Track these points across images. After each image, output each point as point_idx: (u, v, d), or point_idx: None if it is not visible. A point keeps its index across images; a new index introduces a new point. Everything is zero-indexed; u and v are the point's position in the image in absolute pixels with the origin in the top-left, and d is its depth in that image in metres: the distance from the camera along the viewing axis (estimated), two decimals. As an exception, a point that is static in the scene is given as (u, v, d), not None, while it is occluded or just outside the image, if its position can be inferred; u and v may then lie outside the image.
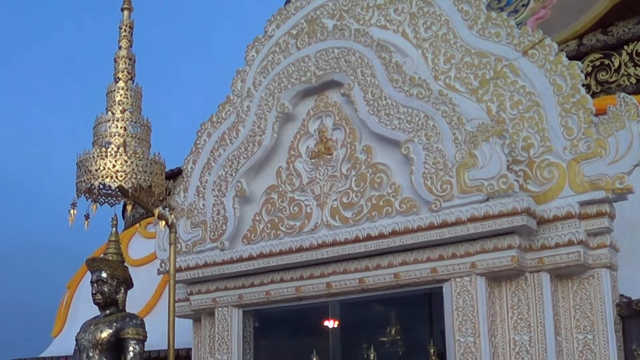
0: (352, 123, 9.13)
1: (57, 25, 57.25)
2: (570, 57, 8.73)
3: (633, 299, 7.99)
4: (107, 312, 8.41)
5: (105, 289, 8.35)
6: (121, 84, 7.87)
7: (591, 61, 11.67)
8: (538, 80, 8.23)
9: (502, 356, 8.03)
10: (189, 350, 11.02)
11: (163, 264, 10.14)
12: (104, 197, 8.12)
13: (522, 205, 7.67)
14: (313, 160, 9.34)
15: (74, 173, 7.70)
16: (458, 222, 7.98)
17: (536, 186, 8.06)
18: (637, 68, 11.34)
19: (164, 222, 8.14)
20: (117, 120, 7.66)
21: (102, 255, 8.72)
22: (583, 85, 8.14)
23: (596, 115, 8.00)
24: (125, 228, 18.10)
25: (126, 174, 7.46)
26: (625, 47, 11.57)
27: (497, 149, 7.93)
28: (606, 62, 11.61)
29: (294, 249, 9.04)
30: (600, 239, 7.95)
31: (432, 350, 8.54)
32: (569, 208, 7.83)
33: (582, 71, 8.20)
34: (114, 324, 8.20)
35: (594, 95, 10.53)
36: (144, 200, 7.99)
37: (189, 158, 10.28)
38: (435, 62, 8.88)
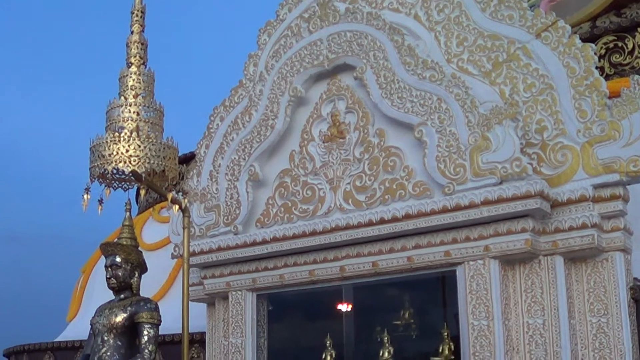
0: (365, 106, 9.11)
1: (70, 10, 57.32)
2: (584, 40, 8.70)
3: (647, 282, 7.99)
4: (122, 296, 8.44)
5: (120, 274, 8.38)
6: (134, 68, 7.87)
7: (604, 43, 11.63)
8: (551, 63, 8.19)
9: (516, 340, 8.03)
10: (203, 334, 11.06)
11: (177, 248, 10.15)
12: (117, 182, 8.15)
13: (536, 188, 7.66)
14: (326, 144, 9.33)
15: (88, 158, 7.72)
16: (471, 206, 7.97)
17: (550, 169, 8.04)
18: (651, 50, 11.30)
19: (177, 207, 8.15)
20: (130, 105, 7.67)
21: (116, 239, 8.74)
22: (596, 67, 8.10)
23: (610, 97, 7.97)
24: (139, 213, 18.17)
25: (139, 159, 7.47)
26: (639, 29, 11.51)
27: (510, 132, 7.91)
28: (620, 44, 11.57)
29: (308, 233, 9.04)
30: (614, 222, 7.93)
31: (446, 334, 8.54)
32: (582, 191, 7.81)
33: (595, 53, 8.17)
34: (129, 308, 8.23)
35: (607, 77, 10.50)
36: (158, 184, 8.00)
37: (202, 142, 10.29)
38: (448, 45, 8.85)
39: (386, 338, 8.99)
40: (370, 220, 8.61)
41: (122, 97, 7.74)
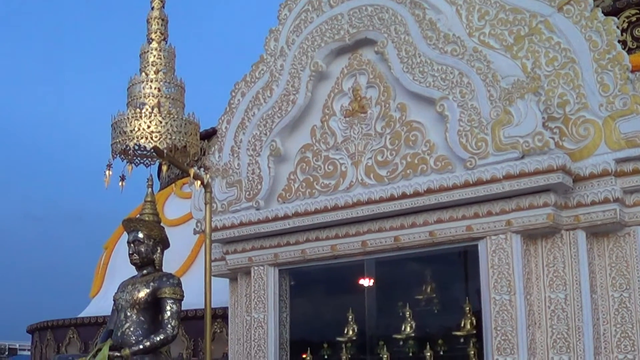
0: (386, 81, 9.09)
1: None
2: (606, 13, 8.63)
3: (670, 256, 7.95)
4: (144, 272, 8.47)
5: (142, 249, 8.40)
6: (154, 44, 7.86)
7: (627, 17, 11.51)
8: (573, 37, 8.15)
9: (538, 314, 8.02)
10: (225, 309, 11.11)
11: (199, 224, 10.19)
12: (139, 158, 8.15)
13: (558, 163, 7.63)
14: (347, 119, 9.32)
15: (109, 136, 7.73)
16: (493, 180, 7.95)
17: (572, 143, 8.01)
18: (673, 24, 11.19)
19: (199, 182, 8.16)
20: (151, 81, 7.65)
21: (138, 215, 8.77)
22: (619, 41, 8.06)
23: (632, 71, 7.92)
24: (161, 188, 18.24)
25: (161, 135, 7.47)
26: (663, 2, 11.40)
27: (532, 106, 7.88)
28: (642, 17, 11.45)
29: (329, 208, 9.05)
30: (637, 196, 7.90)
31: (468, 308, 8.56)
32: (604, 165, 7.78)
33: (618, 27, 8.12)
34: (151, 284, 8.26)
35: (630, 51, 10.39)
36: (179, 160, 8.00)
37: (223, 118, 10.29)
38: (470, 19, 8.80)
39: (408, 312, 9.02)
40: (392, 194, 8.60)
41: (143, 74, 7.73)
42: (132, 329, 8.16)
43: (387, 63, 8.97)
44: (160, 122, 7.48)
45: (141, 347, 7.92)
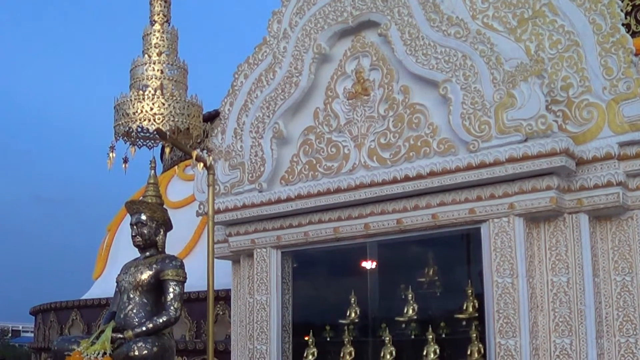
0: (390, 63, 9.07)
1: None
2: (611, -5, 8.59)
3: (672, 240, 7.95)
4: (147, 254, 8.49)
5: (145, 231, 8.42)
6: (157, 26, 7.86)
7: (631, 0, 11.47)
8: (577, 19, 8.11)
9: (540, 297, 8.03)
10: (228, 291, 11.13)
11: (202, 206, 10.19)
12: (142, 140, 8.17)
13: (561, 146, 7.62)
14: (350, 101, 9.31)
15: (112, 117, 7.73)
16: (496, 163, 7.94)
17: (575, 127, 7.99)
18: (678, 6, 11.15)
19: (202, 164, 8.16)
20: (154, 63, 7.66)
21: (141, 197, 8.78)
22: (623, 24, 8.02)
23: (636, 55, 7.90)
24: (164, 171, 18.25)
25: (164, 117, 7.48)
26: (667, -15, 11.36)
27: (535, 89, 7.86)
28: (647, 0, 11.41)
29: (332, 190, 9.05)
30: (640, 180, 7.90)
31: (470, 291, 8.57)
32: (608, 149, 7.77)
33: (622, 10, 8.08)
34: (154, 266, 8.28)
35: (634, 34, 10.37)
36: (182, 142, 8.01)
37: (226, 100, 10.28)
38: (473, 1, 8.75)
39: (410, 295, 9.04)
40: (394, 177, 8.60)
41: (146, 55, 7.74)
42: (134, 310, 8.19)
43: (390, 45, 8.95)
44: (163, 104, 7.49)
45: (144, 329, 7.95)
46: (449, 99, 8.40)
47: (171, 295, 8.15)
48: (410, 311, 9.02)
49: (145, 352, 7.74)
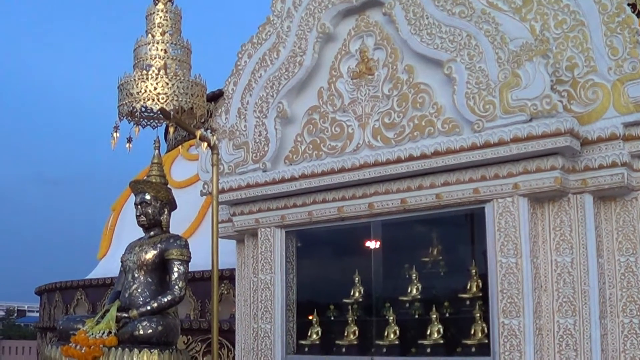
0: (394, 42, 9.05)
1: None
2: (617, -26, 8.55)
3: (677, 220, 7.94)
4: (152, 233, 8.51)
5: (149, 211, 8.45)
6: (160, 6, 7.83)
7: (637, -21, 11.41)
8: (583, -1, 8.09)
9: (544, 277, 8.03)
10: (232, 270, 11.15)
11: (206, 186, 10.20)
12: (146, 120, 8.15)
13: (566, 126, 7.60)
14: (354, 81, 9.29)
15: (116, 97, 7.71)
16: (501, 143, 7.93)
17: (580, 107, 7.97)
18: (685, -15, 11.07)
19: (206, 144, 8.16)
20: (157, 43, 7.63)
21: (145, 177, 8.79)
22: (628, 4, 8.00)
23: (642, 34, 7.86)
24: (168, 150, 18.26)
25: (167, 96, 7.46)
26: (674, -37, 11.29)
27: (540, 69, 7.84)
28: (653, -21, 11.35)
29: (336, 170, 9.04)
30: (645, 160, 7.88)
31: (474, 271, 8.57)
32: (613, 129, 7.74)
33: (628, -11, 8.05)
34: (159, 245, 8.30)
35: (639, 14, 10.32)
36: (186, 122, 8.00)
37: (229, 80, 10.26)
38: (478, -20, 8.72)
39: (414, 275, 9.04)
40: (398, 157, 8.59)
41: (150, 35, 7.71)
42: (139, 290, 8.23)
43: (395, 24, 8.92)
44: (167, 84, 7.47)
45: (149, 308, 7.99)
46: (453, 78, 8.38)
47: (176, 274, 8.18)
48: (414, 291, 9.02)
49: (150, 331, 7.78)
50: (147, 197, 8.46)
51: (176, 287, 8.12)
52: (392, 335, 9.03)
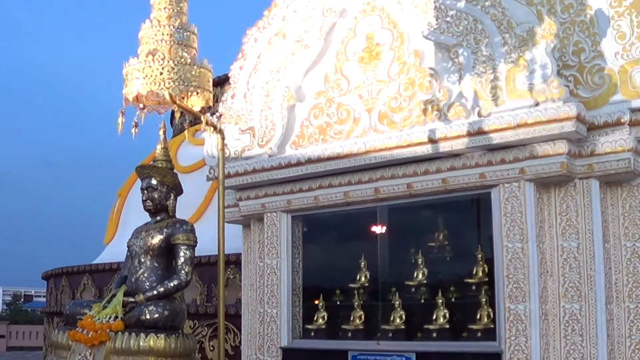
0: (400, 26, 9.03)
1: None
2: (624, -42, 8.51)
3: (683, 205, 7.93)
4: (158, 218, 8.52)
5: (156, 196, 8.44)
6: (166, -10, 7.79)
7: (645, -38, 11.36)
8: (590, -17, 8.05)
9: (550, 262, 8.03)
10: (238, 255, 11.16)
11: (212, 171, 10.20)
12: (151, 105, 8.14)
13: (572, 111, 7.58)
14: (361, 65, 9.28)
15: (122, 83, 7.69)
16: (507, 128, 7.91)
17: (587, 92, 7.95)
18: (693, -32, 11.02)
19: (212, 129, 8.16)
20: (163, 27, 7.61)
21: (151, 162, 8.79)
22: (636, -13, 7.95)
23: (649, 18, 7.83)
24: (174, 135, 18.25)
25: (173, 81, 7.43)
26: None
27: (547, 54, 7.82)
28: (661, -38, 11.30)
29: (342, 154, 9.03)
30: (651, 145, 7.86)
31: (480, 256, 8.57)
32: (619, 114, 7.72)
33: (635, -27, 8.00)
34: (165, 230, 8.31)
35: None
36: (192, 107, 7.99)
37: (236, 64, 10.25)
38: (485, -35, 8.69)
39: (420, 260, 9.04)
40: (405, 141, 8.58)
41: (155, 19, 7.69)
42: (146, 275, 8.24)
43: (401, 8, 8.90)
44: (173, 69, 7.45)
45: (155, 292, 8.00)
46: (460, 63, 8.36)
47: (182, 259, 8.19)
48: (420, 275, 9.03)
49: (157, 315, 7.80)
50: (154, 182, 8.45)
51: (182, 271, 8.13)
52: (397, 320, 9.04)
